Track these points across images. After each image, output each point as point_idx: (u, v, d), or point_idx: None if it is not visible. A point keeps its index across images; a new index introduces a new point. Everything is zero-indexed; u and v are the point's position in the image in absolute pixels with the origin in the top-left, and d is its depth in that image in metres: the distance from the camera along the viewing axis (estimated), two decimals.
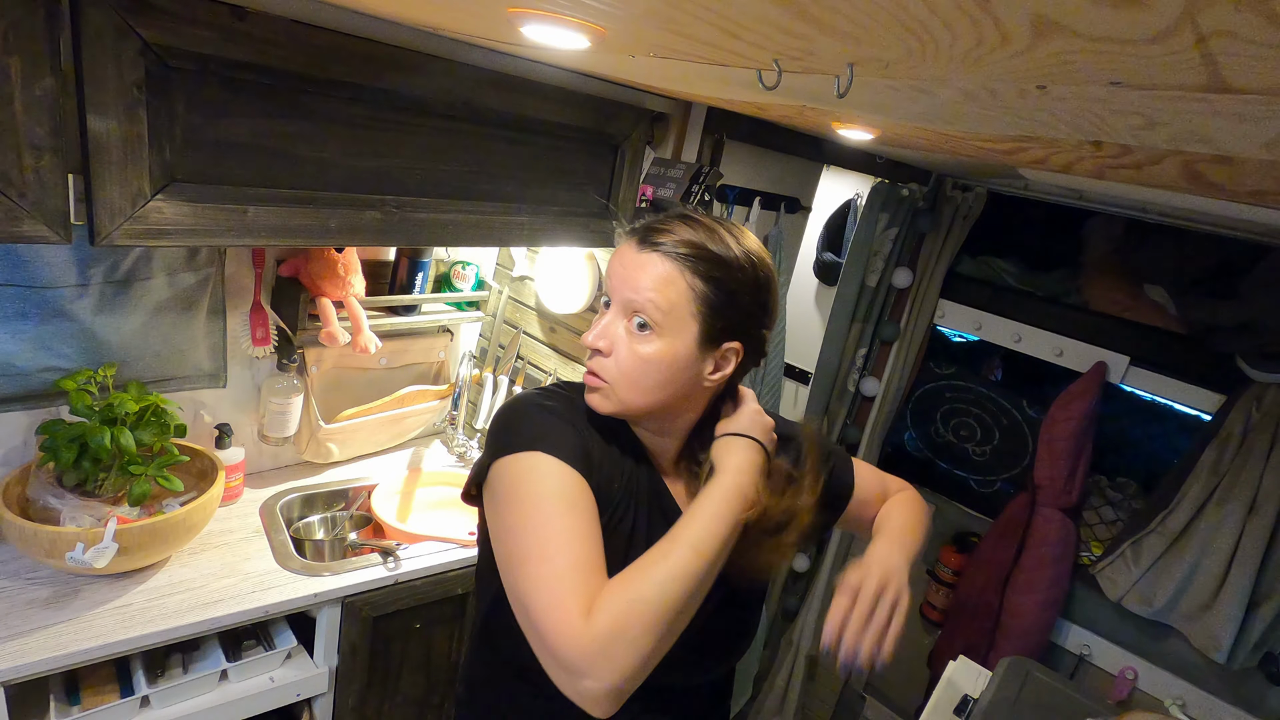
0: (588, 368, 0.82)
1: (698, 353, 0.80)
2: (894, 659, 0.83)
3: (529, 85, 1.30)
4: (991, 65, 0.55)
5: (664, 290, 0.77)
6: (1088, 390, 1.94)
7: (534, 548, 0.71)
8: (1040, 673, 1.37)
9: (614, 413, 0.82)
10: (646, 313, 0.77)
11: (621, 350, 0.79)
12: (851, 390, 2.33)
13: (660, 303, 0.77)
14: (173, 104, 0.96)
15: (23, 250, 1.24)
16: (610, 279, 0.81)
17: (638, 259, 0.78)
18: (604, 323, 0.81)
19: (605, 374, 0.80)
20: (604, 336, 0.80)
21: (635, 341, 0.78)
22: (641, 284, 0.77)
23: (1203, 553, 1.77)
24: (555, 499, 0.74)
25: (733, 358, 0.82)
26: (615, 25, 0.72)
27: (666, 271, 0.77)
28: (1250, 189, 1.04)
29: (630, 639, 0.66)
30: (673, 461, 0.90)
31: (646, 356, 0.78)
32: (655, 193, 1.55)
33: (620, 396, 0.80)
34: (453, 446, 1.96)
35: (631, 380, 0.79)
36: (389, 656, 1.49)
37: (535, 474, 0.75)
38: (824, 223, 2.30)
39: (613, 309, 0.81)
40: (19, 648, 1.08)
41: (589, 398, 0.83)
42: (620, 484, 0.84)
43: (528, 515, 0.73)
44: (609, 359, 0.80)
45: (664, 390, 0.80)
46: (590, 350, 0.81)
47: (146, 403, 1.32)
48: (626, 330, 0.79)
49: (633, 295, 0.78)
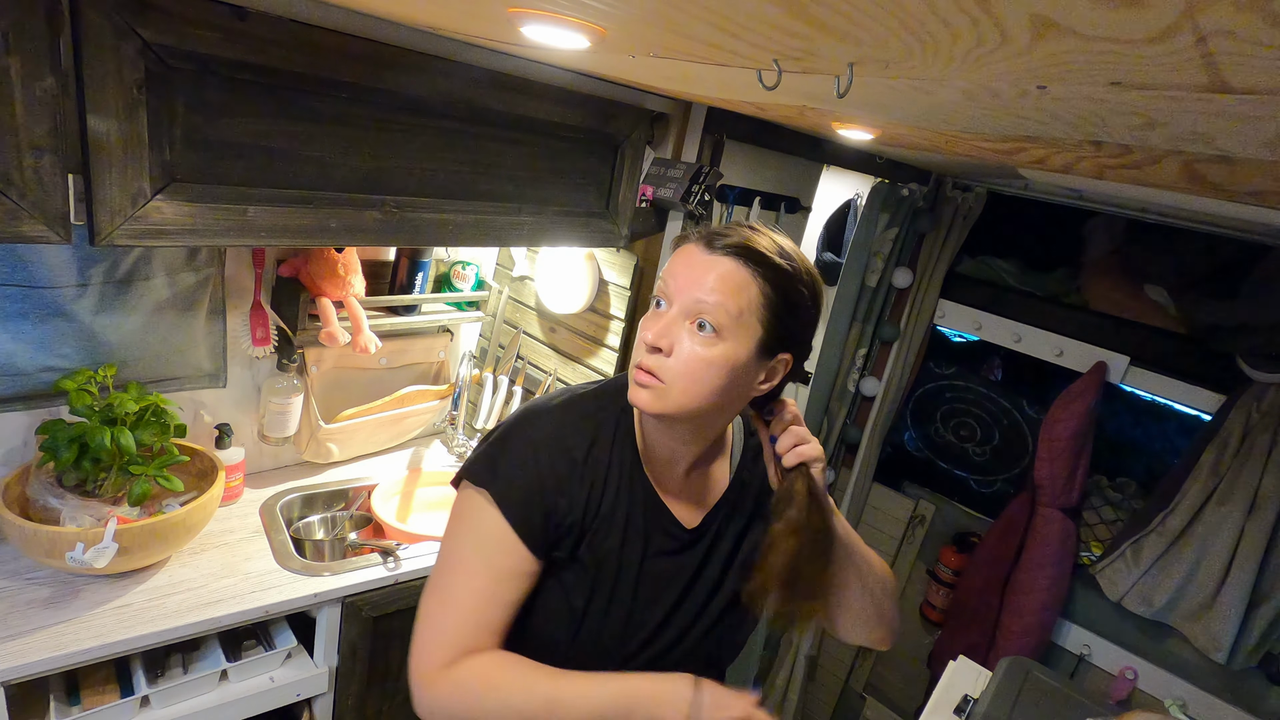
0: (642, 366, 0.79)
1: (755, 360, 0.79)
2: (894, 659, 0.83)
3: (529, 85, 1.30)
4: (991, 65, 0.55)
5: (735, 294, 0.76)
6: (1088, 390, 1.94)
7: (439, 585, 0.82)
8: (1040, 673, 1.37)
9: (663, 413, 0.80)
10: (714, 315, 0.76)
11: (684, 351, 0.77)
12: (851, 390, 2.33)
13: (730, 306, 0.76)
14: (173, 104, 0.96)
15: (23, 250, 1.24)
16: (674, 279, 0.79)
17: (708, 261, 0.77)
18: (664, 322, 0.78)
19: (664, 374, 0.78)
20: (666, 335, 0.78)
21: (698, 343, 0.77)
22: (711, 285, 0.76)
23: (1203, 553, 1.77)
24: (474, 554, 0.81)
25: (781, 369, 0.82)
26: (615, 25, 0.72)
27: (738, 275, 0.76)
28: (1250, 189, 1.04)
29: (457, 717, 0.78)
30: (684, 471, 0.89)
31: (709, 359, 0.77)
32: (655, 193, 1.55)
33: (675, 398, 0.78)
34: (453, 446, 1.96)
35: (690, 382, 0.77)
36: (389, 656, 1.49)
37: (472, 518, 0.82)
38: (824, 223, 2.30)
39: (674, 309, 0.78)
40: (19, 648, 1.08)
41: (636, 395, 0.80)
42: (600, 509, 0.84)
43: (450, 552, 0.83)
44: (669, 358, 0.78)
45: (718, 396, 0.79)
46: (648, 348, 0.79)
47: (146, 403, 1.32)
48: (689, 332, 0.77)
49: (702, 296, 0.76)
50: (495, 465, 0.83)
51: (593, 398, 0.90)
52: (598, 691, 0.78)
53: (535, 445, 0.83)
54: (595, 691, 0.78)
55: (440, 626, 0.80)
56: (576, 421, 0.86)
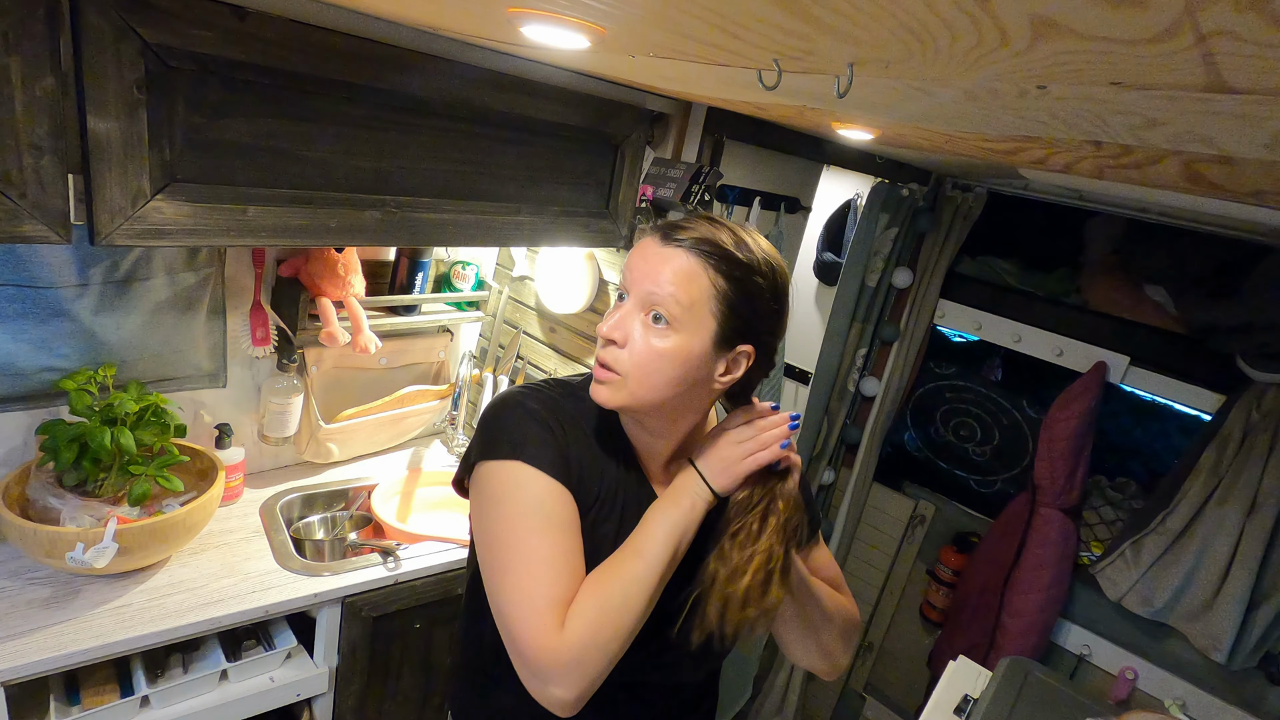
0: (599, 359, 0.81)
1: (712, 352, 0.79)
2: (894, 659, 0.83)
3: (529, 85, 1.30)
4: (991, 65, 0.55)
5: (686, 286, 0.76)
6: (1088, 390, 1.94)
7: (512, 562, 0.76)
8: (1040, 673, 1.37)
9: (620, 406, 0.81)
10: (666, 307, 0.77)
11: (637, 343, 0.78)
12: (851, 390, 2.33)
13: (681, 298, 0.76)
14: (173, 104, 0.96)
15: (23, 250, 1.24)
16: (631, 272, 0.80)
17: (661, 253, 0.78)
18: (620, 314, 0.80)
19: (618, 365, 0.79)
20: (619, 328, 0.79)
21: (651, 335, 0.78)
22: (664, 277, 0.77)
23: (1203, 553, 1.77)
24: (533, 515, 0.77)
25: (744, 361, 0.82)
26: (615, 25, 0.72)
27: (690, 267, 0.77)
28: (1250, 189, 1.04)
29: (601, 645, 0.73)
30: (663, 464, 0.90)
31: (662, 351, 0.77)
32: (655, 193, 1.55)
33: (630, 390, 0.79)
34: (453, 446, 1.96)
35: (644, 374, 0.78)
36: (389, 656, 1.49)
37: (516, 487, 0.79)
38: (824, 223, 2.30)
39: (630, 301, 0.80)
40: (19, 648, 1.08)
41: (596, 390, 0.81)
42: (601, 487, 0.84)
43: (507, 530, 0.78)
44: (623, 350, 0.79)
45: (674, 387, 0.80)
46: (603, 341, 0.80)
47: (146, 403, 1.32)
48: (643, 324, 0.78)
49: (654, 288, 0.77)
50: (510, 436, 0.81)
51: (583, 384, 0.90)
52: (656, 517, 0.80)
53: (536, 413, 0.83)
54: (655, 519, 0.80)
55: (534, 593, 0.74)
56: (569, 401, 0.87)
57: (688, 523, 0.80)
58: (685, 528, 0.80)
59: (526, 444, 0.80)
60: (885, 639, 2.49)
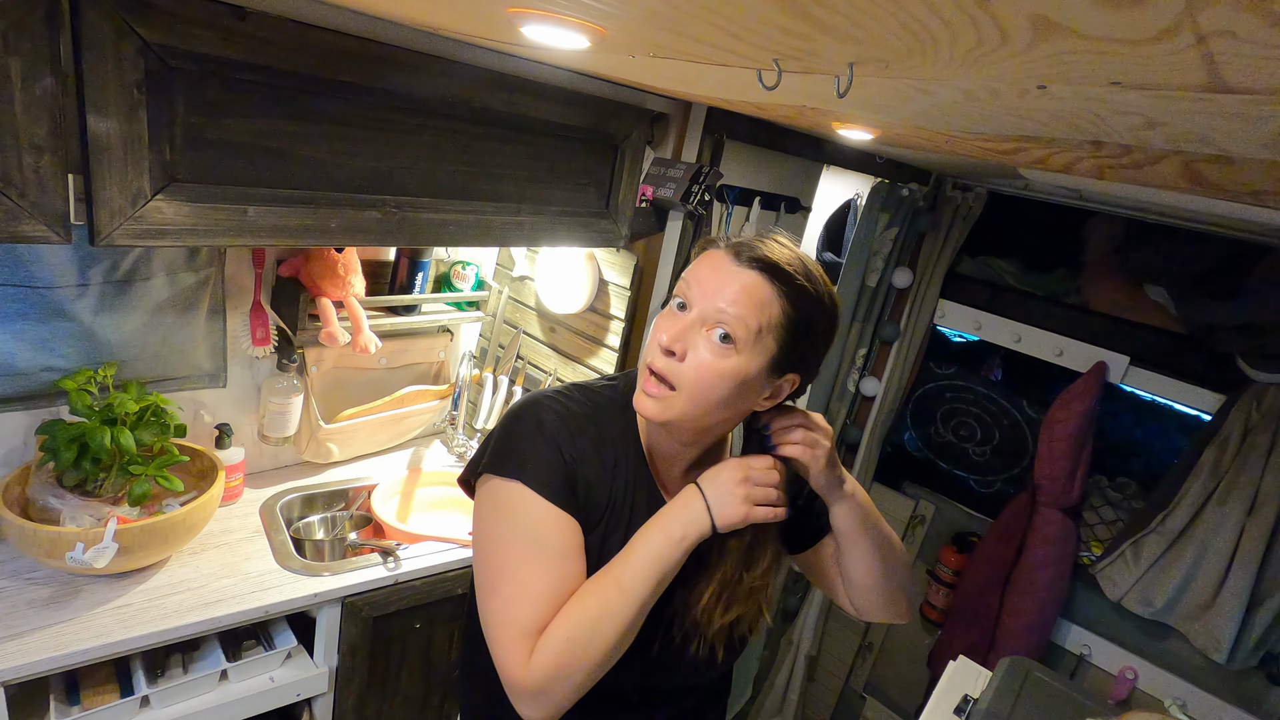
0: (652, 367, 0.78)
1: (766, 377, 0.79)
2: (894, 659, 0.85)
3: (529, 85, 1.30)
4: (991, 65, 0.55)
5: (758, 310, 0.75)
6: (1088, 390, 1.94)
7: (499, 585, 0.78)
8: (1040, 673, 1.37)
9: (667, 421, 0.79)
10: (734, 328, 0.75)
11: (698, 358, 0.76)
12: (851, 390, 2.33)
13: (750, 321, 0.75)
14: (173, 104, 0.96)
15: (23, 250, 1.24)
16: (699, 284, 0.77)
17: (735, 272, 0.76)
18: (681, 325, 0.77)
19: (674, 378, 0.77)
20: (681, 339, 0.77)
21: (714, 353, 0.76)
22: (737, 298, 0.75)
23: (1203, 553, 1.77)
24: (525, 540, 0.78)
25: (787, 388, 0.82)
26: (615, 25, 0.72)
27: (764, 293, 0.76)
28: (1250, 189, 1.04)
29: (565, 677, 0.74)
30: (681, 472, 0.90)
31: (722, 370, 0.76)
32: (655, 193, 1.55)
33: (682, 407, 0.77)
34: (453, 446, 1.96)
35: (699, 390, 0.76)
36: (389, 656, 1.49)
37: (513, 509, 0.80)
38: (824, 223, 2.30)
39: (693, 314, 0.77)
40: (19, 648, 1.08)
41: (643, 403, 0.79)
42: (611, 499, 0.84)
43: (499, 552, 0.79)
44: (683, 365, 0.77)
45: (725, 408, 0.79)
46: (662, 350, 0.78)
47: (146, 403, 1.32)
48: (706, 339, 0.76)
49: (725, 306, 0.75)
50: (518, 453, 0.81)
51: (604, 389, 0.90)
52: (641, 547, 0.79)
53: (546, 427, 0.82)
54: (639, 549, 0.79)
55: (512, 620, 0.76)
56: (585, 409, 0.86)
57: (675, 558, 0.78)
58: (672, 563, 0.78)
59: (531, 464, 0.80)
60: (885, 639, 2.49)
